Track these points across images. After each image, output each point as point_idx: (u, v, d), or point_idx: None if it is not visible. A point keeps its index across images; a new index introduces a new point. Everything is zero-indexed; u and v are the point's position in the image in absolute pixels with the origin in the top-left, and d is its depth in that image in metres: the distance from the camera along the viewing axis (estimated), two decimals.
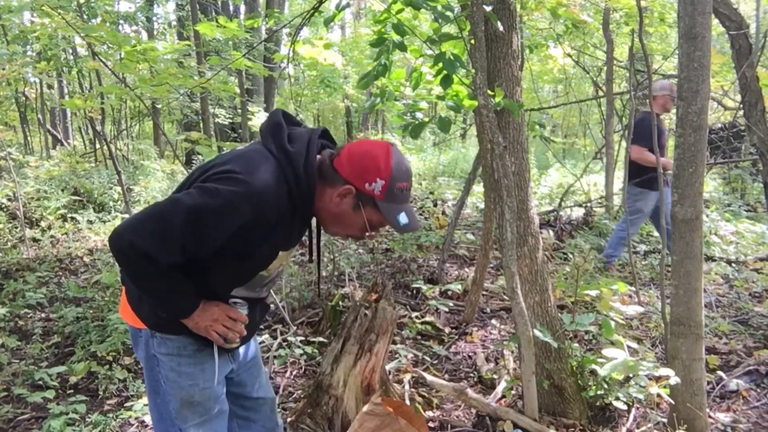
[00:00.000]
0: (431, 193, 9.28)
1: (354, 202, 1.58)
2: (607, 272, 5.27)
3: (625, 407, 2.81)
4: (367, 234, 1.63)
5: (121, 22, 10.56)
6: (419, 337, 4.06)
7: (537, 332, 2.69)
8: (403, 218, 1.58)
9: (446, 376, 3.53)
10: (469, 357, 3.81)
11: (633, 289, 4.03)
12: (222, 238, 1.49)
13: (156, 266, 1.48)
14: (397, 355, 3.54)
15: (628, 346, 2.88)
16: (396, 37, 2.81)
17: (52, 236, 6.56)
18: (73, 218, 7.08)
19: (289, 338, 3.73)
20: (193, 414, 1.70)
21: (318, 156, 1.61)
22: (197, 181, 1.53)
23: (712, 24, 2.59)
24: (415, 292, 4.82)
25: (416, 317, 4.32)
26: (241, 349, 1.90)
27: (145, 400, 3.15)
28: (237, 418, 1.96)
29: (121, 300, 1.74)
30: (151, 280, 1.52)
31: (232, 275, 1.64)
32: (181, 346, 1.66)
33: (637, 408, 3.01)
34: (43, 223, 6.83)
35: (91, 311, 4.18)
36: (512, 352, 3.58)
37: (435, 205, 8.45)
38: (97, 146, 10.94)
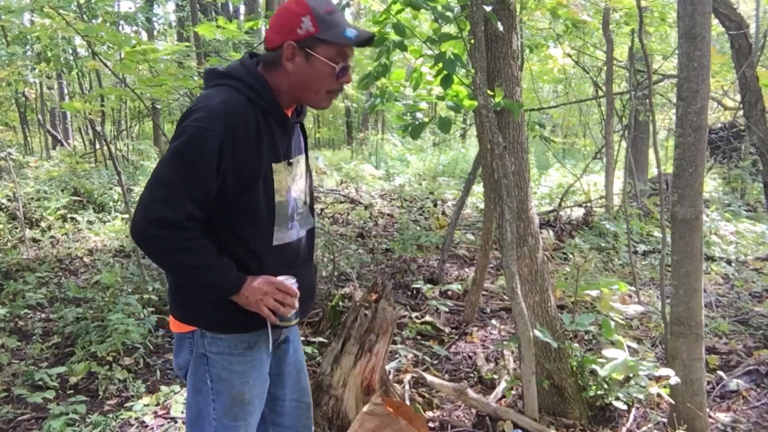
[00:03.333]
0: (431, 193, 9.29)
1: (303, 54, 1.57)
2: None
3: (625, 407, 2.81)
4: (339, 75, 1.60)
5: (121, 22, 10.53)
6: (419, 337, 4.06)
7: (537, 332, 2.69)
8: (349, 32, 1.57)
9: (446, 376, 3.53)
10: (469, 357, 3.81)
11: (633, 288, 4.03)
12: (214, 167, 1.51)
13: (178, 230, 1.49)
14: (397, 355, 3.54)
15: (628, 346, 2.88)
16: (396, 37, 2.81)
17: (52, 237, 6.55)
18: (73, 219, 7.08)
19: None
20: (244, 413, 1.69)
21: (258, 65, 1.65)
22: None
23: (712, 24, 2.59)
24: (415, 292, 4.82)
25: (416, 317, 4.32)
26: (285, 347, 1.87)
27: (145, 400, 3.16)
28: (271, 424, 1.89)
29: (171, 320, 1.74)
30: (182, 252, 1.51)
31: (253, 214, 1.61)
32: (232, 345, 1.65)
33: (638, 408, 3.01)
34: (43, 224, 6.83)
35: (91, 312, 4.18)
36: (512, 352, 3.58)
37: (435, 205, 8.46)
38: (97, 147, 10.93)
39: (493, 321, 4.37)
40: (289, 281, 1.65)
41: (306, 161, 1.81)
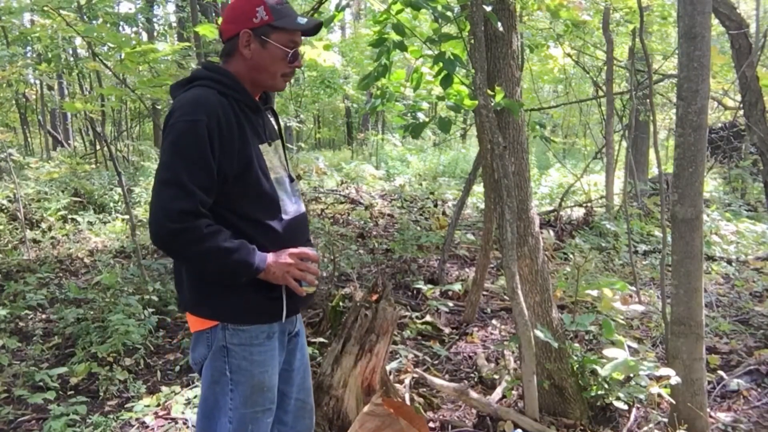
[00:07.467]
0: (431, 193, 9.28)
1: (258, 41, 1.70)
2: None
3: (625, 407, 2.81)
4: (291, 60, 1.73)
5: (121, 23, 10.53)
6: (420, 337, 4.06)
7: (537, 332, 2.69)
8: (300, 20, 1.72)
9: (447, 376, 3.53)
10: (470, 357, 3.81)
11: (633, 288, 4.03)
12: (209, 152, 1.60)
13: (198, 217, 1.57)
14: (397, 356, 3.54)
15: (629, 346, 2.87)
16: (396, 38, 2.81)
17: (52, 237, 6.56)
18: (73, 219, 7.08)
19: None
20: (263, 399, 1.76)
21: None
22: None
23: (712, 24, 2.59)
24: (415, 292, 4.82)
25: (417, 317, 4.32)
26: (295, 341, 1.94)
27: (145, 401, 3.16)
28: (276, 422, 1.91)
29: (189, 320, 1.81)
30: (209, 238, 1.58)
31: (256, 192, 1.70)
32: (253, 336, 1.72)
33: (638, 408, 3.01)
34: (43, 225, 6.83)
35: (91, 312, 4.18)
36: (513, 352, 3.58)
37: (435, 206, 8.45)
38: (98, 147, 10.94)
39: (494, 321, 4.37)
40: (308, 249, 1.78)
41: (283, 146, 1.91)
